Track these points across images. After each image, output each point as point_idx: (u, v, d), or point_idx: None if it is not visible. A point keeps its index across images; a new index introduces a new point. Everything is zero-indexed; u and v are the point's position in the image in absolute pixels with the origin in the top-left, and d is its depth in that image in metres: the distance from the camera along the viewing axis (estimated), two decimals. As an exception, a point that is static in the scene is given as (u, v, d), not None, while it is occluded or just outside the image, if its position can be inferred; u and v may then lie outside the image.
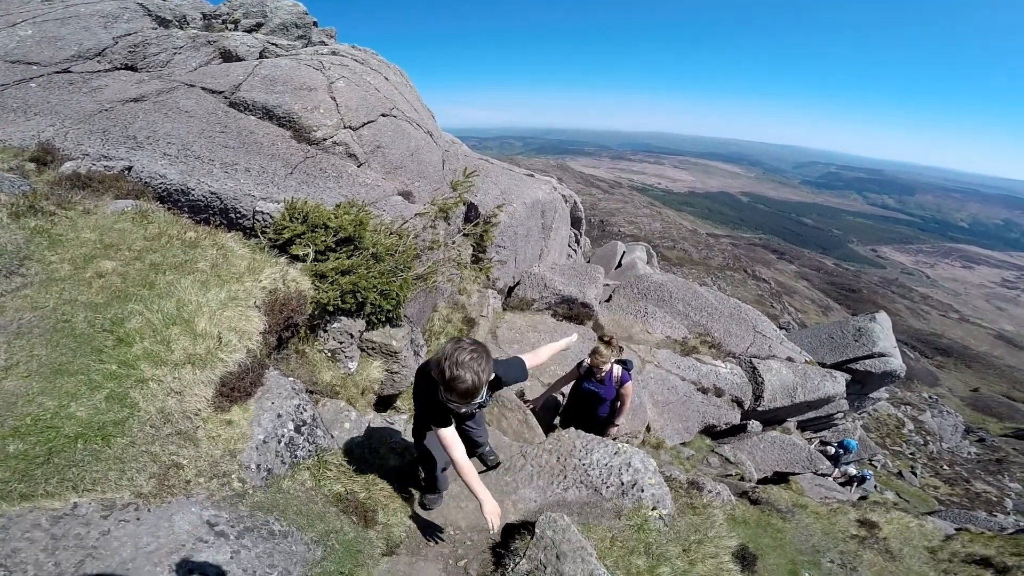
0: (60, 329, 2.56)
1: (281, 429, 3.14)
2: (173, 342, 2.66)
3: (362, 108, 7.42)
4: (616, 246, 15.87)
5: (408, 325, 5.14)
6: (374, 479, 3.60)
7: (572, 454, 4.02)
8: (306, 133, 6.43)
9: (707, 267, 56.64)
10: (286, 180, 5.30)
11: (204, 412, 2.69)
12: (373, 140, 7.13)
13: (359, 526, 3.19)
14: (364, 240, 4.23)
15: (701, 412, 9.60)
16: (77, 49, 6.79)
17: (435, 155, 8.36)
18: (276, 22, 12.01)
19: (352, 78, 8.03)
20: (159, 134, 5.23)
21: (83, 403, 2.31)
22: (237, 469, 2.73)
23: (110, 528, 2.18)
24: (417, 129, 8.32)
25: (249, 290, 3.23)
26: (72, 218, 3.35)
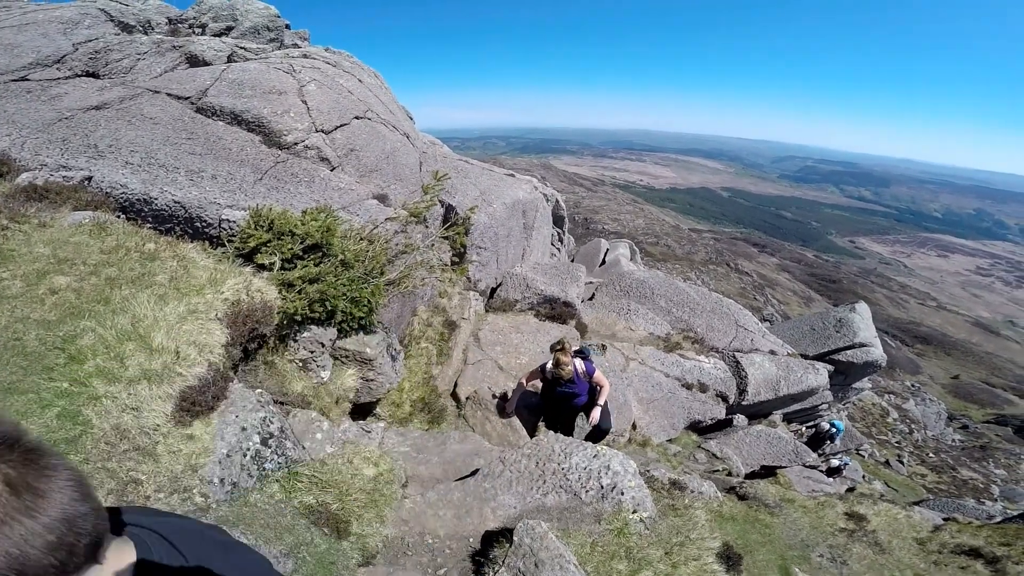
0: (11, 347, 2.48)
1: (246, 442, 3.09)
2: (128, 358, 2.59)
3: (334, 111, 7.34)
4: (599, 244, 15.96)
5: (383, 332, 5.09)
6: (348, 489, 3.55)
7: (551, 458, 3.99)
8: (276, 137, 6.34)
9: (691, 262, 57.26)
10: (255, 186, 5.22)
11: (164, 427, 2.63)
12: (347, 143, 7.06)
13: (331, 537, 3.15)
14: (332, 247, 4.18)
15: (686, 408, 9.67)
16: (35, 56, 6.60)
17: (412, 157, 8.31)
18: (247, 25, 11.81)
19: (324, 81, 7.93)
20: (122, 142, 5.10)
21: (34, 421, 2.24)
22: (199, 484, 2.67)
23: None
24: (393, 131, 8.26)
25: (210, 302, 3.16)
26: (27, 232, 3.25)
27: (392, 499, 3.66)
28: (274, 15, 12.30)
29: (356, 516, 3.38)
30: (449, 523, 3.60)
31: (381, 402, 5.75)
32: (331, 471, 3.57)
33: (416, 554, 3.39)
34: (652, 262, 44.71)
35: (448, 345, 7.58)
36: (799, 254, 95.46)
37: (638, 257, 17.38)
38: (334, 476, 3.55)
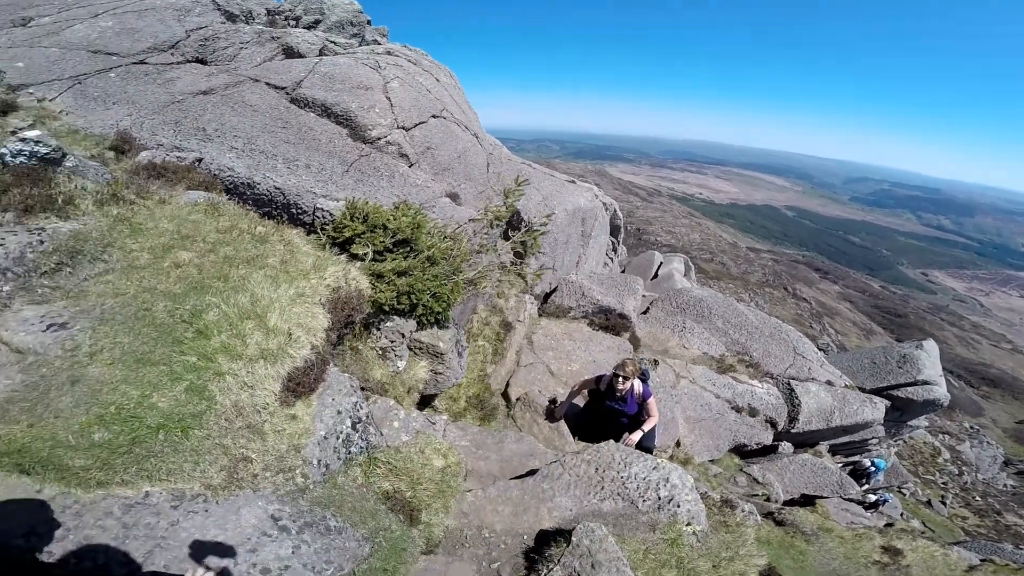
0: (141, 317, 2.67)
1: (340, 426, 3.19)
2: (248, 336, 2.73)
3: (415, 109, 7.51)
4: (653, 256, 15.62)
5: (454, 327, 5.17)
6: (419, 478, 3.64)
7: (611, 466, 4.06)
8: (362, 132, 6.56)
9: (745, 282, 54.90)
10: (343, 178, 5.42)
11: (271, 406, 2.75)
12: (424, 141, 7.22)
13: (404, 524, 3.22)
14: (419, 242, 4.28)
15: (733, 431, 9.50)
16: (153, 41, 7.11)
17: (480, 158, 8.40)
18: (333, 19, 12.34)
19: (406, 79, 8.14)
20: (226, 127, 5.43)
21: (165, 394, 2.39)
22: (301, 464, 2.78)
23: (179, 519, 2.22)
24: (465, 131, 8.38)
25: (315, 287, 3.30)
26: (150, 207, 3.50)
27: (456, 491, 3.79)
28: (357, 11, 12.78)
29: (426, 506, 3.47)
30: (506, 519, 3.69)
31: (439, 395, 5.88)
32: (404, 459, 3.69)
33: (473, 546, 3.46)
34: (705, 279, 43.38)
35: (503, 345, 7.63)
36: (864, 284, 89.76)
37: (692, 273, 16.89)
38: (407, 464, 3.66)
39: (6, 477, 2.03)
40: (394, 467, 3.59)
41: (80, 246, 2.94)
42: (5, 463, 2.07)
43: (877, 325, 65.22)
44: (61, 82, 5.75)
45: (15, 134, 4.43)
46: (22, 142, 3.28)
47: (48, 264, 2.82)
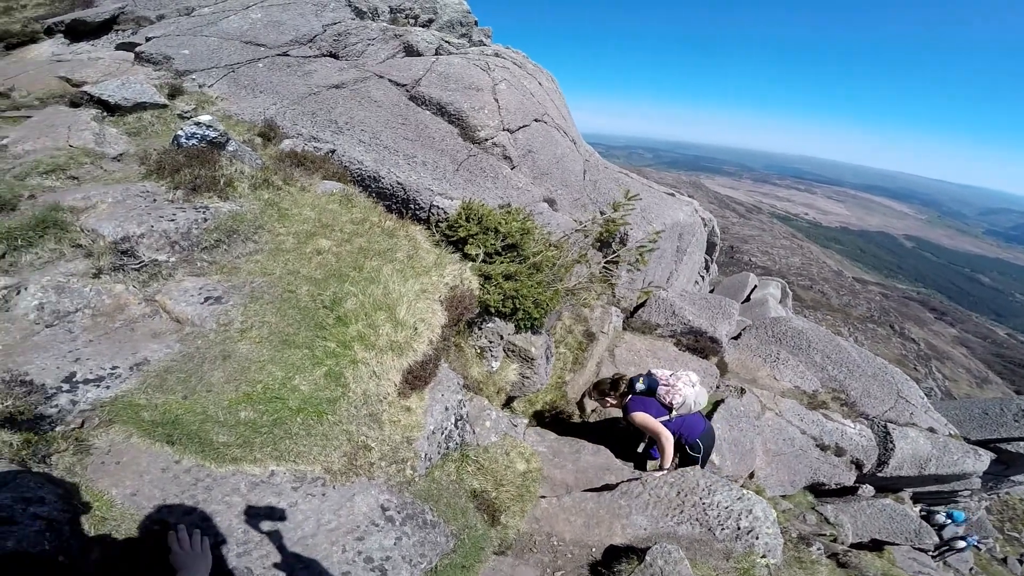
0: (287, 299, 2.86)
1: (446, 422, 3.26)
2: (380, 327, 2.85)
3: (519, 112, 7.56)
4: (747, 278, 14.65)
5: (546, 334, 5.14)
6: (502, 480, 3.67)
7: (694, 491, 4.07)
8: (471, 132, 6.70)
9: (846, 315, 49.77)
10: (454, 176, 5.56)
11: (390, 397, 2.84)
12: (526, 144, 7.24)
13: (487, 524, 3.25)
14: (526, 248, 4.27)
15: (813, 468, 9.00)
16: (294, 34, 7.72)
17: (578, 164, 8.29)
18: (444, 19, 12.76)
19: (512, 81, 8.21)
20: (355, 120, 5.76)
21: (306, 377, 2.52)
22: (412, 457, 2.84)
23: (298, 500, 2.29)
24: (564, 137, 8.30)
25: (436, 284, 3.39)
26: (293, 194, 3.77)
27: (533, 497, 3.81)
28: (466, 11, 13.13)
29: (506, 508, 3.48)
30: (577, 530, 3.70)
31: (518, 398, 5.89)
32: (491, 460, 3.72)
33: (540, 552, 3.46)
34: (800, 307, 40.07)
35: (584, 355, 7.49)
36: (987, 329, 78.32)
37: (788, 301, 15.64)
38: (492, 465, 3.69)
39: (151, 445, 2.15)
40: (482, 466, 3.63)
41: (236, 226, 3.22)
42: (158, 433, 2.19)
43: (995, 374, 56.78)
44: (218, 70, 6.40)
45: (182, 117, 4.99)
46: (196, 126, 3.65)
47: (209, 240, 3.11)
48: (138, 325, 2.67)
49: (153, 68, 6.20)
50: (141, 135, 4.48)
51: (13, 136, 4.10)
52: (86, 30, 7.87)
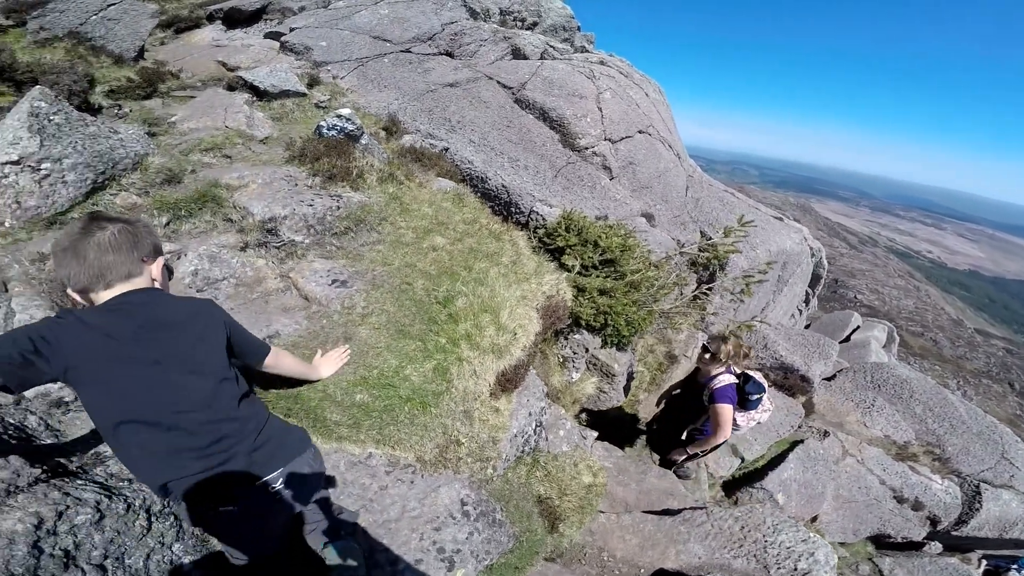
0: (404, 291, 3.06)
1: (528, 426, 3.37)
2: (484, 329, 2.98)
3: (623, 122, 7.47)
4: (849, 318, 13.52)
5: (630, 352, 5.09)
6: (566, 490, 3.72)
7: (758, 528, 4.05)
8: (572, 139, 6.72)
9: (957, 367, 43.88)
10: (553, 183, 5.62)
11: (483, 396, 2.97)
12: (627, 156, 7.14)
13: (546, 530, 3.31)
14: (624, 265, 4.24)
15: (883, 520, 8.41)
16: (416, 32, 8.14)
17: (680, 180, 8.05)
18: (548, 23, 12.84)
19: (617, 90, 8.12)
20: (466, 120, 6.00)
21: (417, 368, 2.68)
22: (495, 457, 2.95)
23: (388, 485, 2.43)
24: (668, 150, 8.09)
25: (534, 292, 3.48)
26: (412, 190, 4.01)
27: (593, 510, 3.83)
28: (569, 16, 13.13)
29: (565, 517, 3.51)
30: (631, 549, 3.72)
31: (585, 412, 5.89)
32: (559, 468, 3.77)
33: (588, 565, 3.50)
34: (905, 354, 36.16)
35: (663, 376, 7.32)
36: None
37: (894, 346, 14.30)
38: (559, 474, 3.75)
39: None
40: (550, 474, 3.70)
41: (364, 216, 3.48)
42: (280, 406, 2.36)
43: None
44: (349, 63, 6.91)
45: (318, 107, 5.45)
46: (337, 118, 3.99)
47: (339, 227, 3.40)
48: (272, 299, 2.97)
49: (295, 57, 6.81)
50: (283, 121, 4.96)
51: (180, 114, 4.69)
52: (240, 18, 8.78)
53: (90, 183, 3.00)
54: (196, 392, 1.49)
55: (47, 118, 3.07)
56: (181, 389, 1.47)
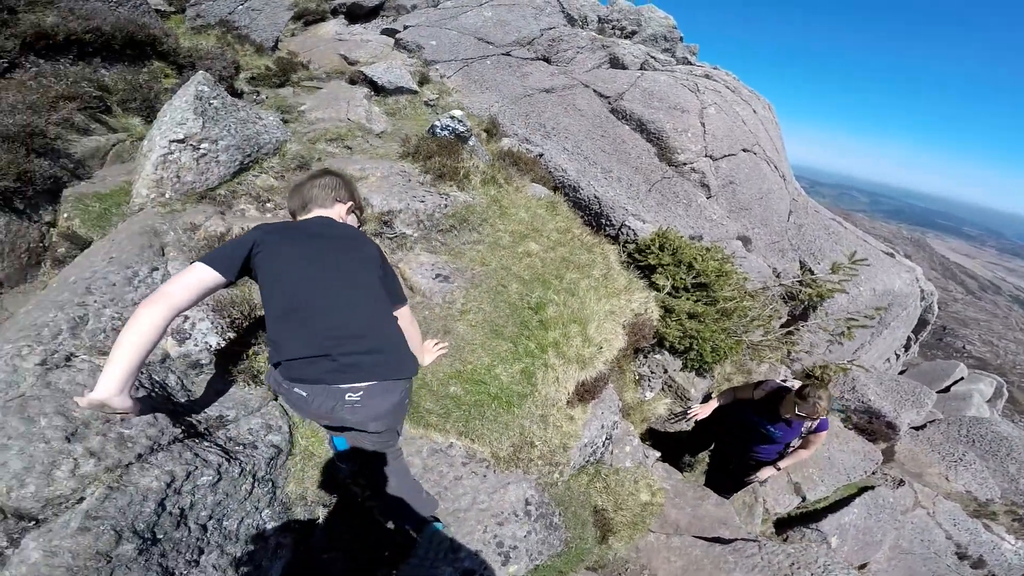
0: (500, 292, 3.17)
1: (598, 439, 3.39)
2: (572, 339, 3.03)
3: (726, 139, 7.18)
4: (954, 368, 12.14)
5: (710, 378, 4.92)
6: (622, 505, 3.69)
7: (809, 567, 3.98)
8: (669, 153, 6.57)
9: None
10: (646, 197, 5.53)
11: (560, 404, 3.02)
12: (728, 174, 6.86)
13: (595, 540, 3.31)
14: (718, 291, 4.09)
15: (935, 574, 7.50)
16: (517, 36, 8.29)
17: (784, 203, 7.60)
18: (648, 32, 12.53)
19: (723, 106, 7.81)
20: (560, 127, 6.05)
21: (506, 369, 2.79)
22: (563, 463, 3.00)
23: (463, 475, 2.52)
24: (773, 172, 7.67)
25: (623, 308, 3.47)
26: (510, 194, 4.12)
27: (644, 528, 3.80)
28: (672, 26, 12.72)
29: (617, 530, 3.50)
30: (674, 571, 3.70)
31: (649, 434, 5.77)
32: (619, 483, 3.77)
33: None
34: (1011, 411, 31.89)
35: None
36: None
37: (1001, 403, 12.72)
38: (618, 488, 3.75)
39: None
40: (609, 487, 3.72)
41: (467, 216, 3.64)
42: None
43: None
44: (455, 63, 7.20)
45: (427, 104, 5.73)
46: (450, 119, 4.18)
47: (445, 224, 3.57)
48: (380, 286, 3.19)
49: (407, 55, 7.20)
50: (396, 116, 5.27)
51: (309, 104, 5.12)
52: (360, 13, 9.41)
53: (238, 164, 3.38)
54: (341, 287, 1.68)
55: (208, 101, 3.48)
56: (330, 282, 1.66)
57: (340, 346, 1.59)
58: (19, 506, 1.52)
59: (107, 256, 2.75)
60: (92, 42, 4.60)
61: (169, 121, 3.38)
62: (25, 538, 1.48)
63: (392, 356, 1.68)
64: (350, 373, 1.58)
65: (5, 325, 2.55)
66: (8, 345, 1.98)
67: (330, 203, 1.95)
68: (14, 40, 4.23)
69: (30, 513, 1.52)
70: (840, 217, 9.41)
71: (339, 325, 1.62)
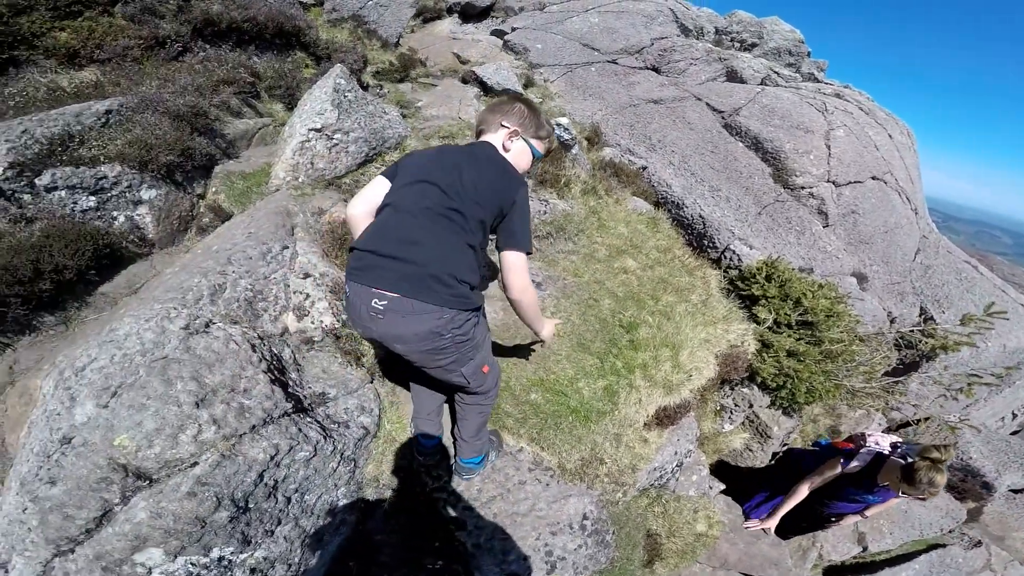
0: (591, 306, 3.15)
1: (669, 464, 3.32)
2: (661, 363, 2.94)
3: (854, 165, 6.53)
4: None
5: (797, 418, 4.54)
6: (676, 532, 3.56)
7: None
8: (785, 175, 6.10)
9: None
10: (756, 221, 5.18)
11: (637, 425, 2.95)
12: (851, 203, 6.24)
13: (641, 563, 3.21)
14: (825, 331, 3.74)
15: None
16: (624, 44, 8.12)
17: (912, 240, 6.78)
18: (770, 45, 11.69)
19: (854, 128, 7.11)
20: (667, 140, 5.84)
21: (589, 383, 2.77)
22: (629, 484, 2.94)
23: (527, 480, 2.53)
24: (904, 204, 6.86)
25: (719, 338, 3.30)
26: (610, 207, 4.06)
27: (693, 559, 3.70)
28: (798, 40, 11.75)
29: (664, 557, 3.40)
30: None
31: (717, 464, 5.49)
32: (678, 511, 3.67)
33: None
34: None
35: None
36: None
37: None
38: (676, 516, 3.64)
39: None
40: (667, 512, 3.62)
41: (565, 224, 3.64)
42: None
43: None
44: (559, 68, 7.21)
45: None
46: (557, 127, 4.20)
47: (542, 231, 3.60)
48: (478, 287, 3.30)
49: (515, 57, 7.34)
50: (502, 119, 5.39)
51: (425, 100, 5.39)
52: (472, 13, 9.74)
53: (364, 156, 3.64)
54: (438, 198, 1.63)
55: (344, 94, 3.77)
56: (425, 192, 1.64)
57: (387, 245, 1.56)
58: (141, 465, 1.57)
59: (247, 231, 3.06)
60: (248, 30, 5.08)
61: (309, 110, 3.69)
62: (136, 496, 1.54)
63: (428, 277, 1.52)
64: (381, 276, 1.53)
65: (153, 283, 2.95)
66: (158, 305, 2.16)
67: (495, 128, 1.87)
68: (187, 26, 4.80)
69: (147, 473, 1.58)
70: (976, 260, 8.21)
71: (404, 227, 1.58)
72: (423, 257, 1.53)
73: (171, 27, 4.69)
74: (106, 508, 1.53)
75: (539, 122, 1.91)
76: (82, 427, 1.65)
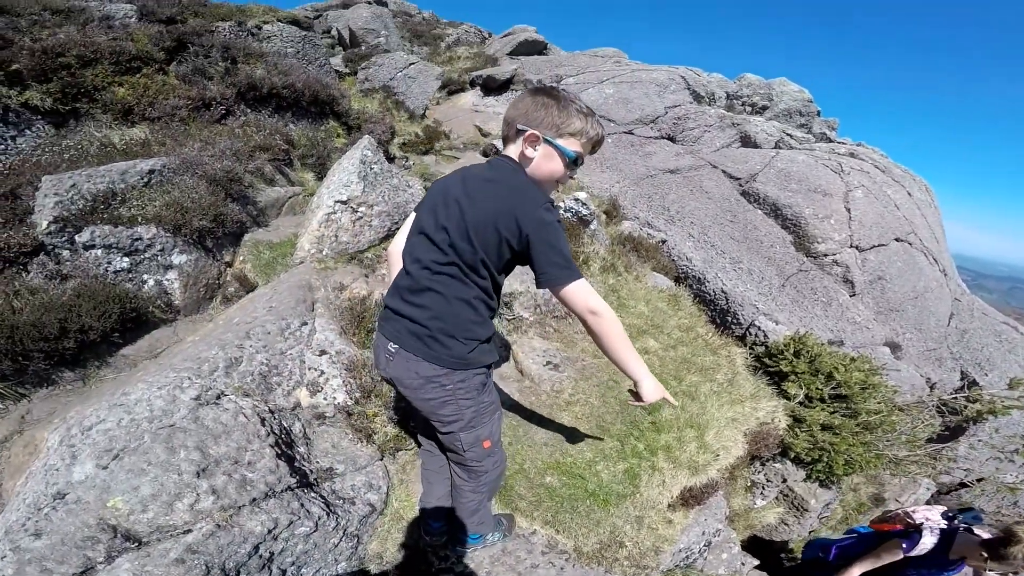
0: (611, 388, 3.06)
1: (696, 544, 3.09)
2: (686, 444, 2.80)
3: (876, 227, 6.44)
4: None
5: (837, 491, 4.22)
6: None
7: None
8: (807, 243, 6.04)
9: None
10: (780, 293, 5.08)
11: (660, 506, 2.79)
12: (877, 269, 6.10)
13: None
14: (860, 403, 3.55)
15: None
16: (640, 114, 8.38)
17: (944, 304, 6.54)
18: (780, 107, 11.98)
19: (872, 188, 7.09)
20: (685, 211, 5.89)
21: (608, 466, 2.65)
22: (652, 567, 2.74)
23: (539, 564, 2.38)
24: (932, 265, 6.69)
25: (747, 416, 3.15)
26: (629, 284, 4.04)
27: None
28: (807, 100, 12.05)
29: None
30: None
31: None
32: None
33: None
34: None
35: (859, 519, 5.98)
36: None
37: None
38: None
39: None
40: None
41: (583, 300, 3.61)
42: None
43: None
44: (577, 140, 7.47)
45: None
46: (575, 202, 4.29)
47: (560, 311, 3.58)
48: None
49: (534, 130, 7.66)
50: (522, 191, 5.54)
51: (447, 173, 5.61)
52: (493, 86, 10.33)
53: (386, 230, 3.75)
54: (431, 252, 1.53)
55: (370, 166, 3.90)
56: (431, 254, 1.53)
57: (397, 303, 1.61)
58: (131, 528, 1.58)
59: (268, 304, 3.12)
60: (287, 96, 5.34)
61: (337, 182, 3.81)
62: (121, 557, 1.52)
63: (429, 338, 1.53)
64: (395, 329, 1.60)
65: (173, 350, 2.99)
66: (173, 373, 2.21)
67: (512, 135, 1.54)
68: (232, 89, 5.01)
69: (137, 535, 1.57)
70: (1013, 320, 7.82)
71: (407, 286, 1.59)
72: (425, 316, 1.55)
73: (217, 89, 4.90)
74: (88, 566, 1.50)
75: (565, 114, 1.48)
76: (78, 485, 1.68)
